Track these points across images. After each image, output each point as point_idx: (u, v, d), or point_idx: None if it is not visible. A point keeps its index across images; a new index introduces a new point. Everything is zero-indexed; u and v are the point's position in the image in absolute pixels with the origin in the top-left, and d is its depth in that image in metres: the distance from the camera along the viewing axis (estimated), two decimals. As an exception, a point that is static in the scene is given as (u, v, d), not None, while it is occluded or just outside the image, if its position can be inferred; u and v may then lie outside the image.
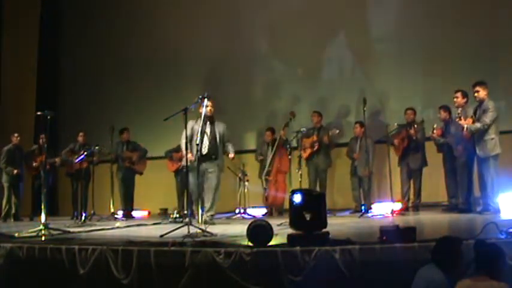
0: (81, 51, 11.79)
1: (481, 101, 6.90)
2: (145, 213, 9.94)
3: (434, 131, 7.60)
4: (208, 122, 7.12)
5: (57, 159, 9.39)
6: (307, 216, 4.61)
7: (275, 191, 8.78)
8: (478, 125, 6.87)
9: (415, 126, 7.97)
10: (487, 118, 6.78)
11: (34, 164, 9.52)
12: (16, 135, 9.78)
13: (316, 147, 8.66)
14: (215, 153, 7.10)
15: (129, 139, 9.62)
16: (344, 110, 9.78)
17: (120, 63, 11.32)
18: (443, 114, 7.67)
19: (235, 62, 10.47)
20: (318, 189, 8.52)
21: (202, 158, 6.84)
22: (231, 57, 10.50)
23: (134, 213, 9.60)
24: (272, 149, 8.73)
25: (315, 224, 4.58)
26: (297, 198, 4.69)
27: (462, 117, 7.04)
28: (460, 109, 7.19)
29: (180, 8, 11.05)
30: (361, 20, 9.74)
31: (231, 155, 7.31)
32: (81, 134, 9.43)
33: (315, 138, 8.71)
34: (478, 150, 6.95)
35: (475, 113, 6.98)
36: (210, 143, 7.09)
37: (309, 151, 8.67)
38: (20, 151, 9.83)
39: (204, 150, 6.99)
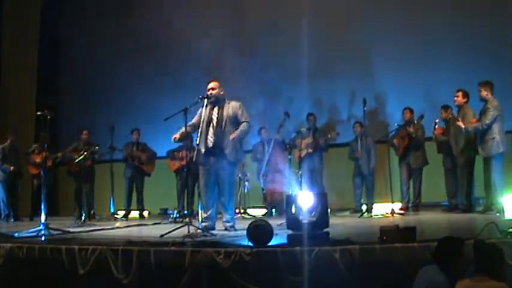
0: (81, 50, 11.80)
1: (485, 101, 6.94)
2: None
3: (437, 126, 7.60)
4: (215, 108, 6.11)
5: (60, 154, 9.38)
6: (307, 218, 4.63)
7: (273, 191, 8.80)
8: (475, 124, 6.91)
9: (415, 123, 7.99)
10: (486, 118, 6.81)
11: (37, 160, 9.52)
12: (12, 134, 9.80)
13: (312, 149, 8.68)
14: (223, 144, 6.00)
15: (138, 140, 9.67)
16: (344, 110, 9.78)
17: (121, 62, 11.32)
18: (445, 114, 7.67)
19: (235, 62, 10.45)
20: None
21: (209, 153, 6.03)
22: (231, 57, 10.48)
23: (133, 214, 9.60)
24: (268, 150, 8.73)
25: (318, 224, 4.59)
26: (308, 200, 4.70)
27: (460, 119, 7.09)
28: (450, 111, 7.25)
29: (181, 8, 11.04)
30: (361, 20, 9.73)
31: (232, 135, 5.98)
32: (84, 132, 9.47)
33: (311, 140, 8.73)
34: (480, 150, 6.98)
35: (480, 113, 7.02)
36: (215, 133, 6.01)
37: (305, 152, 8.69)
38: (15, 150, 9.84)
39: (210, 143, 6.03)
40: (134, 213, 9.59)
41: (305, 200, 4.77)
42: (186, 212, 8.01)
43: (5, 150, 9.68)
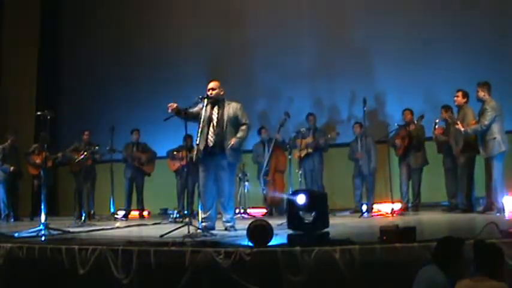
0: (81, 50, 11.80)
1: (482, 101, 6.95)
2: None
3: (437, 126, 7.62)
4: (215, 107, 6.09)
5: (60, 154, 9.40)
6: (307, 218, 4.63)
7: (273, 191, 8.80)
8: (474, 126, 6.93)
9: (416, 122, 7.99)
10: (485, 118, 6.83)
11: (37, 161, 9.53)
12: (13, 134, 9.81)
13: (313, 150, 8.68)
14: (223, 144, 5.97)
15: (138, 140, 9.67)
16: (344, 110, 9.77)
17: (121, 62, 11.32)
18: (445, 114, 7.66)
19: (236, 62, 10.47)
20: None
21: (209, 152, 5.99)
22: (232, 58, 10.50)
23: (133, 214, 9.59)
24: (268, 150, 8.72)
25: (318, 224, 4.59)
26: (301, 199, 4.70)
27: (459, 121, 7.10)
28: (449, 114, 7.27)
29: (181, 8, 11.05)
30: (361, 20, 9.74)
31: (231, 141, 5.98)
32: (86, 133, 9.46)
33: (311, 139, 8.73)
34: (481, 151, 6.99)
35: (478, 113, 7.03)
36: (216, 133, 6.01)
37: (305, 152, 8.68)
38: (16, 150, 9.85)
39: (210, 143, 6.01)
40: (134, 213, 9.59)
41: (301, 200, 4.77)
42: (186, 212, 8.01)
43: (5, 150, 9.69)
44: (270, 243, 4.51)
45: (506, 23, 8.76)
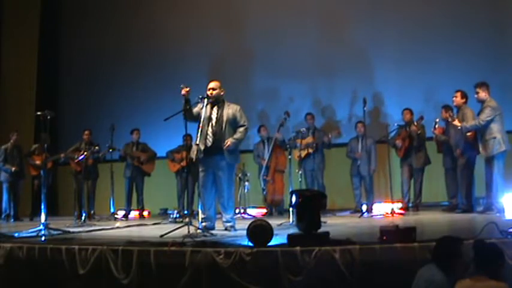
0: (81, 51, 11.80)
1: (482, 101, 6.95)
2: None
3: (437, 126, 7.61)
4: (215, 107, 6.10)
5: (62, 155, 9.41)
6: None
7: (273, 191, 8.80)
8: (472, 122, 6.92)
9: (416, 123, 7.98)
10: (482, 115, 6.82)
11: (37, 162, 9.53)
12: (15, 133, 9.82)
13: (313, 149, 8.66)
14: (222, 144, 5.95)
15: (138, 140, 9.67)
16: (343, 110, 9.77)
17: (121, 62, 11.33)
18: (445, 114, 7.65)
19: (235, 61, 10.47)
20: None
21: (207, 152, 6.00)
22: (232, 57, 10.50)
23: (133, 214, 9.59)
24: (268, 149, 8.72)
25: (309, 225, 4.59)
26: (292, 199, 4.72)
27: (456, 118, 7.10)
28: (449, 113, 7.27)
29: (182, 9, 11.05)
30: (361, 19, 9.74)
31: (228, 141, 5.96)
32: (86, 132, 9.47)
33: (311, 139, 8.71)
34: (482, 150, 6.98)
35: (478, 113, 7.03)
36: (214, 132, 6.02)
37: (305, 152, 8.67)
38: (18, 150, 9.86)
39: (208, 143, 6.03)
40: (134, 213, 9.59)
41: (299, 200, 4.78)
42: (186, 212, 8.01)
43: (7, 151, 9.69)
44: (270, 243, 4.51)
45: (506, 23, 8.76)
